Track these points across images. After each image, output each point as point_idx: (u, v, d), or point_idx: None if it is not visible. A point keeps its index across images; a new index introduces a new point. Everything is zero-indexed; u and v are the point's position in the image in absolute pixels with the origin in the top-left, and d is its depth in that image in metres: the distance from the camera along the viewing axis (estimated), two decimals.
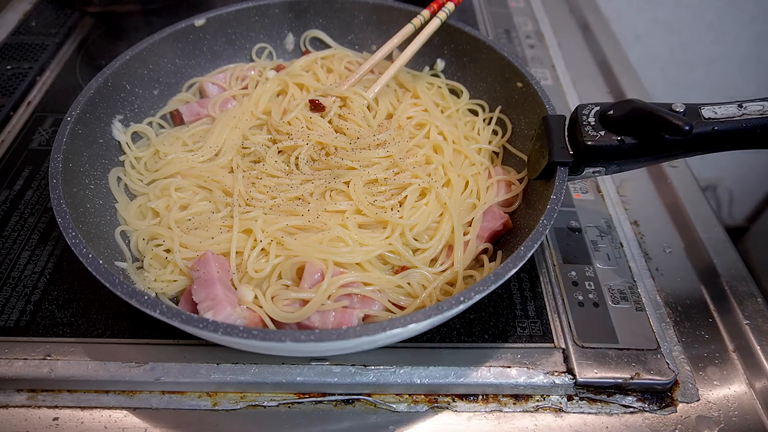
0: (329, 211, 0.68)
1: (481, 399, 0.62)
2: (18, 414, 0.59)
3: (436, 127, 0.79)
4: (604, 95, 1.02)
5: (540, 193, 0.66)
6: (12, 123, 0.90)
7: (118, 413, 0.60)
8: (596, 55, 1.11)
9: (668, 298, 0.71)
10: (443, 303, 0.51)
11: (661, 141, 0.59)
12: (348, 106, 0.80)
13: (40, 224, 0.75)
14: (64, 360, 0.61)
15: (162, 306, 0.50)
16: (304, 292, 0.61)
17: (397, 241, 0.66)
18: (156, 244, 0.67)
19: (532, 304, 0.68)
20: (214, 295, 0.59)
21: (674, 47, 1.76)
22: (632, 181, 0.85)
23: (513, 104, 0.80)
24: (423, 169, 0.73)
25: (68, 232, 0.56)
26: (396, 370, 0.61)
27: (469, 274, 0.66)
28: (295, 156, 0.74)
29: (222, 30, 0.88)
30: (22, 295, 0.67)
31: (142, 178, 0.75)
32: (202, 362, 0.61)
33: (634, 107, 0.59)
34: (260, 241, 0.64)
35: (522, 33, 1.14)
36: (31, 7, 1.15)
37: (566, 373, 0.62)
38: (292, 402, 0.61)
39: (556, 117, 0.67)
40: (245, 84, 0.88)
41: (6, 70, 0.99)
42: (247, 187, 0.71)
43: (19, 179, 0.81)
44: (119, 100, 0.77)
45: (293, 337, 0.49)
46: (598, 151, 0.61)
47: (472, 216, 0.70)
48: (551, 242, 0.75)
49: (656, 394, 0.62)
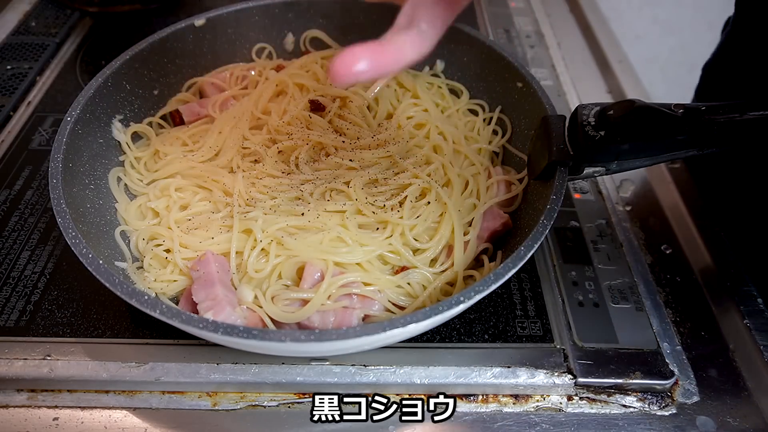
0: (329, 212, 0.68)
1: (481, 399, 0.62)
2: (18, 414, 0.59)
3: (436, 127, 0.79)
4: (604, 95, 1.02)
5: (540, 193, 0.66)
6: (12, 123, 0.90)
7: (118, 413, 0.60)
8: (596, 55, 1.11)
9: (668, 298, 0.71)
10: (443, 303, 0.51)
11: (662, 141, 0.59)
12: (348, 106, 0.80)
13: (40, 224, 0.75)
14: (64, 360, 0.61)
15: (162, 306, 0.50)
16: (304, 292, 0.61)
17: (397, 241, 0.66)
18: (156, 244, 0.67)
19: (532, 304, 0.68)
20: (214, 295, 0.59)
21: (674, 47, 1.76)
22: (632, 181, 0.85)
23: (513, 104, 0.80)
24: (423, 169, 0.73)
25: (68, 232, 0.56)
26: (396, 370, 0.61)
27: (469, 274, 0.66)
28: (295, 156, 0.74)
29: (222, 30, 0.88)
30: (22, 295, 0.67)
31: (142, 178, 0.75)
32: (202, 362, 0.61)
33: (635, 107, 0.59)
34: (260, 241, 0.64)
35: (522, 33, 1.14)
36: (31, 7, 1.15)
37: (566, 373, 0.62)
38: (292, 402, 0.61)
39: (556, 117, 0.67)
40: (245, 84, 0.88)
41: (6, 70, 0.99)
42: (247, 187, 0.71)
43: (19, 179, 0.81)
44: (119, 100, 0.77)
45: (293, 337, 0.49)
46: (598, 151, 0.61)
47: (472, 216, 0.70)
48: (551, 242, 0.75)
49: (656, 394, 0.62)
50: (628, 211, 0.81)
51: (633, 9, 1.69)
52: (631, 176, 0.85)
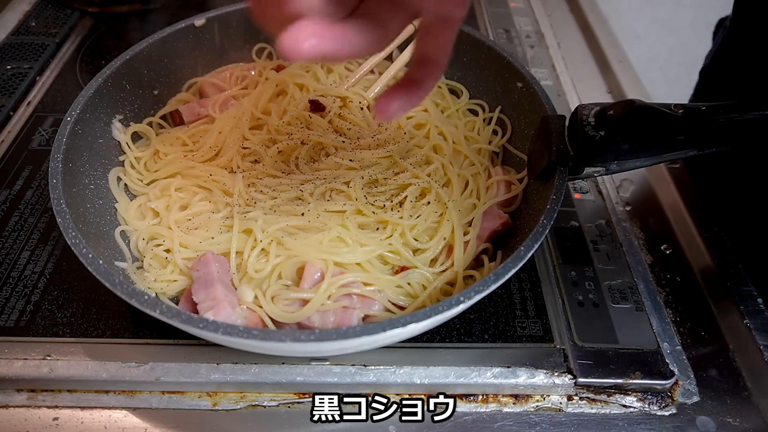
0: (329, 212, 0.68)
1: (481, 399, 0.62)
2: (18, 414, 0.59)
3: (435, 127, 0.79)
4: (604, 95, 1.02)
5: (540, 193, 0.66)
6: (12, 123, 0.90)
7: (118, 413, 0.60)
8: (596, 55, 1.11)
9: (668, 298, 0.71)
10: (443, 303, 0.51)
11: (662, 141, 0.59)
12: (348, 106, 0.80)
13: (40, 224, 0.75)
14: (64, 360, 0.61)
15: (162, 306, 0.50)
16: (304, 292, 0.61)
17: (397, 241, 0.66)
18: (156, 244, 0.67)
19: (532, 304, 0.68)
20: (214, 295, 0.59)
21: (674, 47, 1.76)
22: (632, 181, 0.85)
23: (513, 104, 0.80)
24: (423, 169, 0.73)
25: (68, 232, 0.56)
26: (396, 370, 0.61)
27: (469, 274, 0.66)
28: (295, 156, 0.74)
29: (222, 30, 0.88)
30: (22, 295, 0.67)
31: (142, 178, 0.75)
32: (202, 362, 0.61)
33: (635, 107, 0.59)
34: (260, 241, 0.64)
35: (522, 33, 1.14)
36: (31, 7, 1.15)
37: (566, 373, 0.62)
38: (292, 402, 0.61)
39: (556, 117, 0.67)
40: (245, 84, 0.87)
41: (6, 70, 0.99)
42: (247, 187, 0.71)
43: (19, 179, 0.81)
44: (119, 100, 0.77)
45: (293, 337, 0.49)
46: (598, 151, 0.61)
47: (472, 216, 0.70)
48: (551, 242, 0.75)
49: (656, 394, 0.62)
50: (628, 211, 0.81)
51: (633, 9, 1.69)
52: (631, 176, 0.85)
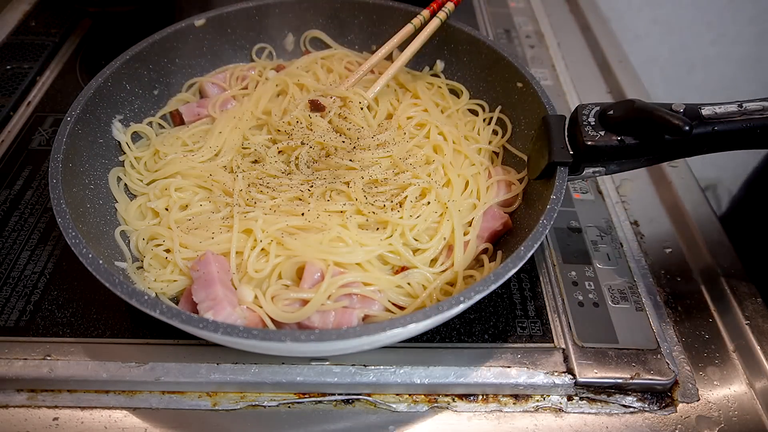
0: (329, 212, 0.68)
1: (481, 399, 0.62)
2: (18, 414, 0.59)
3: (436, 127, 0.79)
4: (604, 95, 1.02)
5: (540, 193, 0.66)
6: (12, 123, 0.90)
7: (118, 413, 0.60)
8: (596, 55, 1.11)
9: (668, 298, 0.71)
10: (443, 303, 0.51)
11: (661, 141, 0.59)
12: (348, 106, 0.80)
13: (40, 224, 0.75)
14: (64, 360, 0.61)
15: (162, 306, 0.50)
16: (304, 292, 0.61)
17: (397, 241, 0.66)
18: (156, 244, 0.67)
19: (532, 304, 0.68)
20: (214, 295, 0.59)
21: (674, 47, 1.76)
22: (632, 181, 0.85)
23: (513, 104, 0.80)
24: (423, 170, 0.73)
25: (68, 232, 0.56)
26: (396, 370, 0.61)
27: (469, 274, 0.66)
28: (295, 156, 0.74)
29: (222, 30, 0.88)
30: (22, 295, 0.67)
31: (142, 178, 0.75)
32: (202, 362, 0.61)
33: (634, 107, 0.59)
34: (260, 241, 0.64)
35: (522, 33, 1.14)
36: (31, 7, 1.15)
37: (566, 373, 0.62)
38: (292, 402, 0.61)
39: (556, 117, 0.67)
40: (245, 84, 0.88)
41: (6, 70, 0.99)
42: (247, 187, 0.71)
43: (19, 179, 0.81)
44: (119, 100, 0.77)
45: (293, 337, 0.49)
46: (598, 151, 0.61)
47: (472, 216, 0.70)
48: (551, 242, 0.75)
49: (656, 394, 0.62)
50: (628, 211, 0.81)
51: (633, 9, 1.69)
52: (631, 176, 0.85)
